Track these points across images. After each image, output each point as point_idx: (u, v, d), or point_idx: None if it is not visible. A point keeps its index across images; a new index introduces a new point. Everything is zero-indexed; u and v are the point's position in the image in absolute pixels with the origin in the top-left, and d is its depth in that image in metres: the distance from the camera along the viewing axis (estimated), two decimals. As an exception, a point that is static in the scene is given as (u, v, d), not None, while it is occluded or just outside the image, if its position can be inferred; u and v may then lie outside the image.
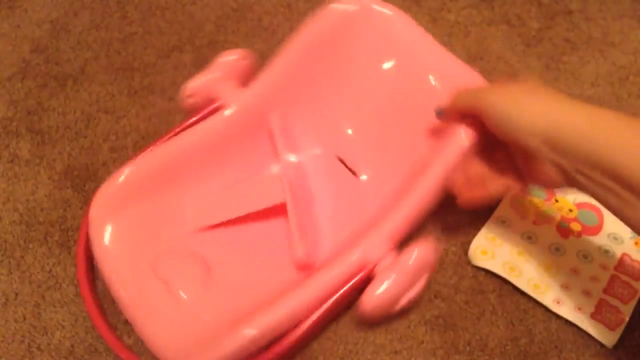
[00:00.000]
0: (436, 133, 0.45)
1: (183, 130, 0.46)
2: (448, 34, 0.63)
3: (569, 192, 0.50)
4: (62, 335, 0.45)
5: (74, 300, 0.46)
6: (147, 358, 0.42)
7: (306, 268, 0.43)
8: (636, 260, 0.46)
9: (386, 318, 0.42)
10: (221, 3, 0.67)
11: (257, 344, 0.36)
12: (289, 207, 0.44)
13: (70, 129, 0.56)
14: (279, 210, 0.46)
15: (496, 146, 0.41)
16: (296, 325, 0.38)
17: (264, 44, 0.62)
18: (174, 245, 0.44)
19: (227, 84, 0.48)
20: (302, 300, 0.38)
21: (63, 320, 0.45)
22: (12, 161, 0.54)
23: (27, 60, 0.62)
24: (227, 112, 0.46)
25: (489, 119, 0.38)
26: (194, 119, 0.47)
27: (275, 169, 0.49)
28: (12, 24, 0.65)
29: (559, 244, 0.48)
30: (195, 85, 0.48)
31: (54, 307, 0.46)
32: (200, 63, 0.62)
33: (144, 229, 0.43)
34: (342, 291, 0.39)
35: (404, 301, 0.40)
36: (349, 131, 0.50)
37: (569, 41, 0.62)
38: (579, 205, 0.49)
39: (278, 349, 0.37)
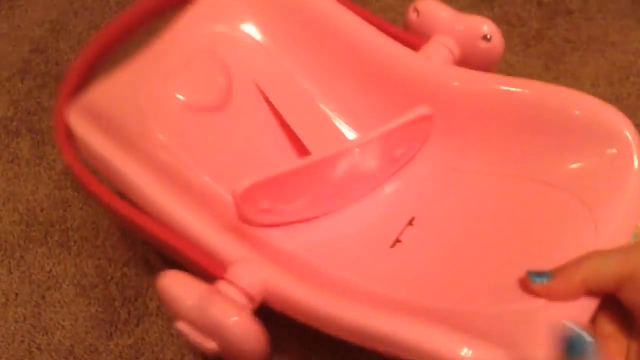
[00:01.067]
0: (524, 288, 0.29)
1: None
2: (448, 34, 0.63)
3: None
4: (62, 335, 0.45)
5: (74, 300, 0.46)
6: (148, 357, 0.42)
7: (238, 212, 0.35)
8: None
9: None
10: None
11: None
12: (301, 162, 0.34)
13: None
14: (304, 153, 0.39)
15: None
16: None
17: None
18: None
19: (446, 41, 0.38)
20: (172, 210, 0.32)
21: (63, 320, 0.45)
22: (12, 161, 0.54)
23: (27, 60, 0.62)
24: (403, 54, 0.37)
25: None
26: None
27: (351, 135, 0.40)
28: (12, 24, 0.65)
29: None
30: (427, 8, 0.39)
31: (54, 307, 0.46)
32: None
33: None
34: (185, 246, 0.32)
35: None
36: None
37: (569, 41, 0.62)
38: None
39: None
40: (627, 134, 0.29)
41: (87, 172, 0.35)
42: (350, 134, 0.40)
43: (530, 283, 0.27)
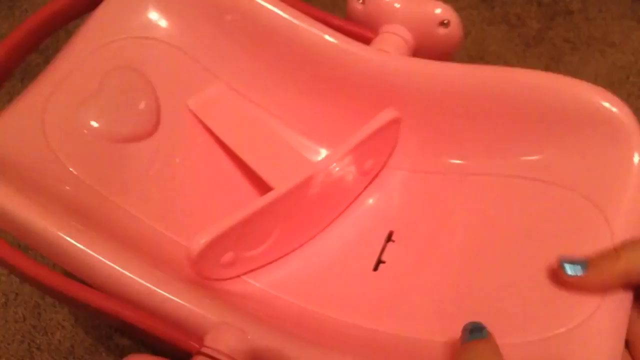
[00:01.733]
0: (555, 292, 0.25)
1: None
2: (448, 34, 0.63)
3: None
4: (62, 335, 0.45)
5: (74, 300, 0.46)
6: (147, 358, 0.42)
7: (195, 272, 0.28)
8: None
9: None
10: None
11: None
12: (262, 200, 0.28)
13: None
14: (262, 189, 0.33)
15: None
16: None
17: None
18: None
19: (399, 30, 0.33)
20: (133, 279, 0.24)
21: (63, 320, 0.45)
22: (12, 161, 0.54)
23: (27, 60, 0.62)
24: (354, 49, 0.31)
25: None
26: None
27: (316, 157, 0.34)
28: (12, 24, 0.65)
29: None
30: None
31: (54, 307, 0.46)
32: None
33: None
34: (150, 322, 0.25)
35: None
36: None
37: (569, 41, 0.62)
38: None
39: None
40: (619, 115, 0.27)
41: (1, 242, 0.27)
42: (310, 151, 0.34)
43: (563, 274, 0.24)
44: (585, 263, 0.24)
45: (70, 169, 0.28)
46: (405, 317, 0.28)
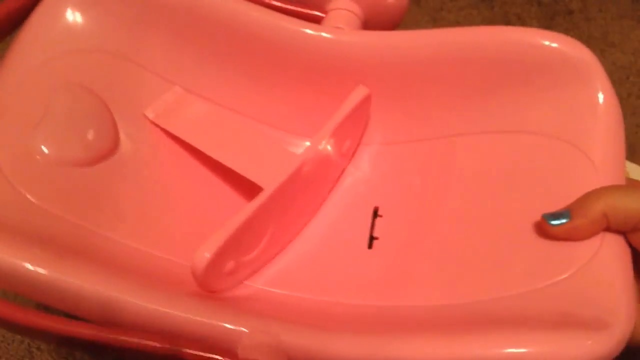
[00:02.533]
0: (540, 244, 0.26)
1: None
2: (448, 35, 0.63)
3: None
4: (62, 335, 0.45)
5: (74, 300, 0.46)
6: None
7: (202, 286, 0.26)
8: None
9: None
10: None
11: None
12: (256, 202, 0.27)
13: None
14: (241, 191, 0.32)
15: None
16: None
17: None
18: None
19: (347, 4, 0.32)
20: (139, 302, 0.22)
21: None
22: (12, 162, 0.54)
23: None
24: (310, 31, 0.30)
25: None
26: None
27: (300, 148, 0.32)
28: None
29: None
30: None
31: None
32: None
33: None
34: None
35: None
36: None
37: (569, 41, 0.62)
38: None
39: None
40: (583, 58, 0.27)
41: None
42: (285, 142, 0.32)
43: (549, 227, 0.25)
44: (568, 212, 0.25)
45: (31, 199, 0.26)
46: (409, 287, 0.27)
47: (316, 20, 0.31)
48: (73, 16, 0.30)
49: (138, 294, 0.22)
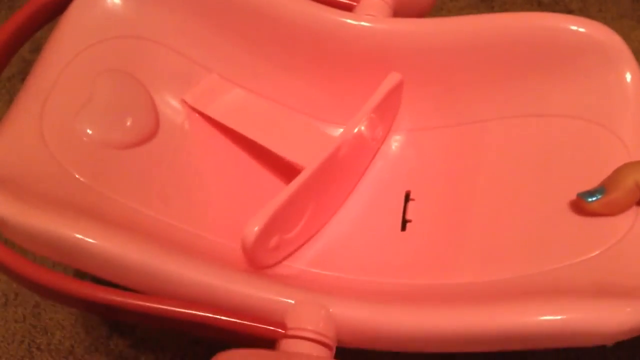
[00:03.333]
0: (576, 223, 0.26)
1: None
2: (448, 34, 0.63)
3: None
4: (62, 335, 0.45)
5: (74, 300, 0.46)
6: (148, 357, 0.42)
7: (250, 260, 0.28)
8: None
9: None
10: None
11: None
12: (299, 179, 0.28)
13: None
14: (281, 172, 0.33)
15: None
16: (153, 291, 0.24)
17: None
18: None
19: None
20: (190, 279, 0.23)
21: (63, 320, 0.45)
22: (12, 161, 0.54)
23: (27, 60, 0.62)
24: (344, 18, 0.31)
25: None
26: None
27: (337, 131, 0.33)
28: (12, 24, 0.65)
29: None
30: None
31: (54, 307, 0.46)
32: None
33: None
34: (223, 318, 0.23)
35: None
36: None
37: (569, 41, 0.62)
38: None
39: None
40: (611, 42, 0.28)
41: (48, 271, 0.24)
42: (320, 127, 0.33)
43: (586, 204, 0.26)
44: (602, 187, 0.26)
45: (79, 177, 0.27)
46: (442, 267, 0.28)
47: (349, 8, 0.32)
48: (112, 3, 0.31)
49: (190, 267, 0.23)
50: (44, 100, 0.28)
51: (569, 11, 0.64)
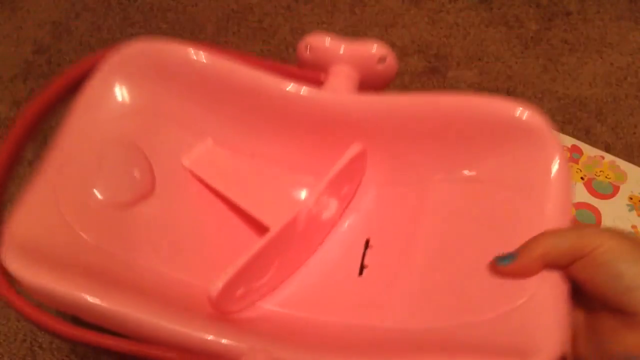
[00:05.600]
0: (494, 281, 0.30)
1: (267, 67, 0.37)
2: (447, 36, 0.63)
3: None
4: (64, 333, 0.45)
5: (75, 299, 0.46)
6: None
7: (215, 309, 0.32)
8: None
9: None
10: (222, 4, 0.67)
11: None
12: (262, 241, 0.32)
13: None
14: (256, 227, 0.38)
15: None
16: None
17: (265, 45, 0.62)
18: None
19: (346, 70, 0.37)
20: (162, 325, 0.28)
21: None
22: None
23: (29, 61, 0.62)
24: (315, 94, 0.36)
25: (598, 267, 0.27)
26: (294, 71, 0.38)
27: (302, 194, 0.39)
28: (14, 25, 0.65)
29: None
30: (319, 43, 0.38)
31: (56, 306, 0.46)
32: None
33: None
34: None
35: None
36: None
37: (567, 42, 0.62)
38: (577, 205, 0.50)
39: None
40: (536, 121, 0.32)
41: (50, 317, 0.30)
42: (293, 182, 0.39)
43: (498, 267, 0.30)
44: (513, 254, 0.29)
45: (85, 238, 0.32)
46: (384, 310, 0.33)
47: (319, 82, 0.38)
48: (120, 86, 0.37)
49: (161, 316, 0.28)
50: (58, 171, 0.34)
51: (567, 12, 0.65)
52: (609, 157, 0.53)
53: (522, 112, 0.32)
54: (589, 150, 0.53)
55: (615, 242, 0.27)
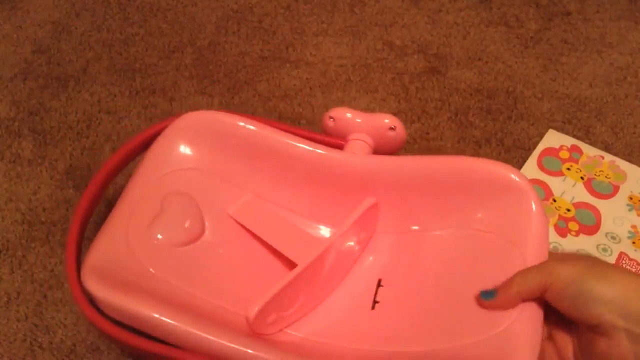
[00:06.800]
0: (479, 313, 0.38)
1: (296, 135, 0.46)
2: (447, 36, 0.63)
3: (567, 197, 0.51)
4: (64, 334, 0.45)
5: (76, 299, 0.46)
6: (149, 356, 0.43)
7: (252, 330, 0.39)
8: (634, 260, 0.47)
9: None
10: (222, 5, 0.67)
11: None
12: (291, 274, 0.39)
13: (72, 130, 0.57)
14: (286, 264, 0.45)
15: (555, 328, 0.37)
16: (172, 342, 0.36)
17: (265, 45, 0.62)
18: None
19: (363, 137, 0.46)
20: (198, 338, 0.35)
21: (65, 319, 0.46)
22: (14, 161, 0.55)
23: (29, 61, 0.62)
24: (337, 156, 0.44)
25: (560, 293, 0.34)
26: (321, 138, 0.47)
27: (323, 239, 0.47)
28: (14, 25, 0.65)
29: (558, 243, 0.48)
30: (341, 115, 0.47)
31: (56, 306, 0.46)
32: (201, 64, 0.62)
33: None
34: None
35: None
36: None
37: (567, 42, 0.62)
38: (577, 205, 0.50)
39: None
40: (519, 181, 0.39)
41: (115, 327, 0.37)
42: (316, 229, 0.47)
43: (483, 301, 0.37)
44: (495, 291, 0.36)
45: (152, 271, 0.40)
46: (390, 337, 0.40)
47: (340, 147, 0.46)
48: (181, 147, 0.46)
49: (210, 331, 0.35)
50: (129, 214, 0.42)
51: (567, 12, 0.65)
52: (609, 157, 0.53)
53: (510, 174, 0.39)
54: (589, 150, 0.53)
55: (569, 270, 0.33)
